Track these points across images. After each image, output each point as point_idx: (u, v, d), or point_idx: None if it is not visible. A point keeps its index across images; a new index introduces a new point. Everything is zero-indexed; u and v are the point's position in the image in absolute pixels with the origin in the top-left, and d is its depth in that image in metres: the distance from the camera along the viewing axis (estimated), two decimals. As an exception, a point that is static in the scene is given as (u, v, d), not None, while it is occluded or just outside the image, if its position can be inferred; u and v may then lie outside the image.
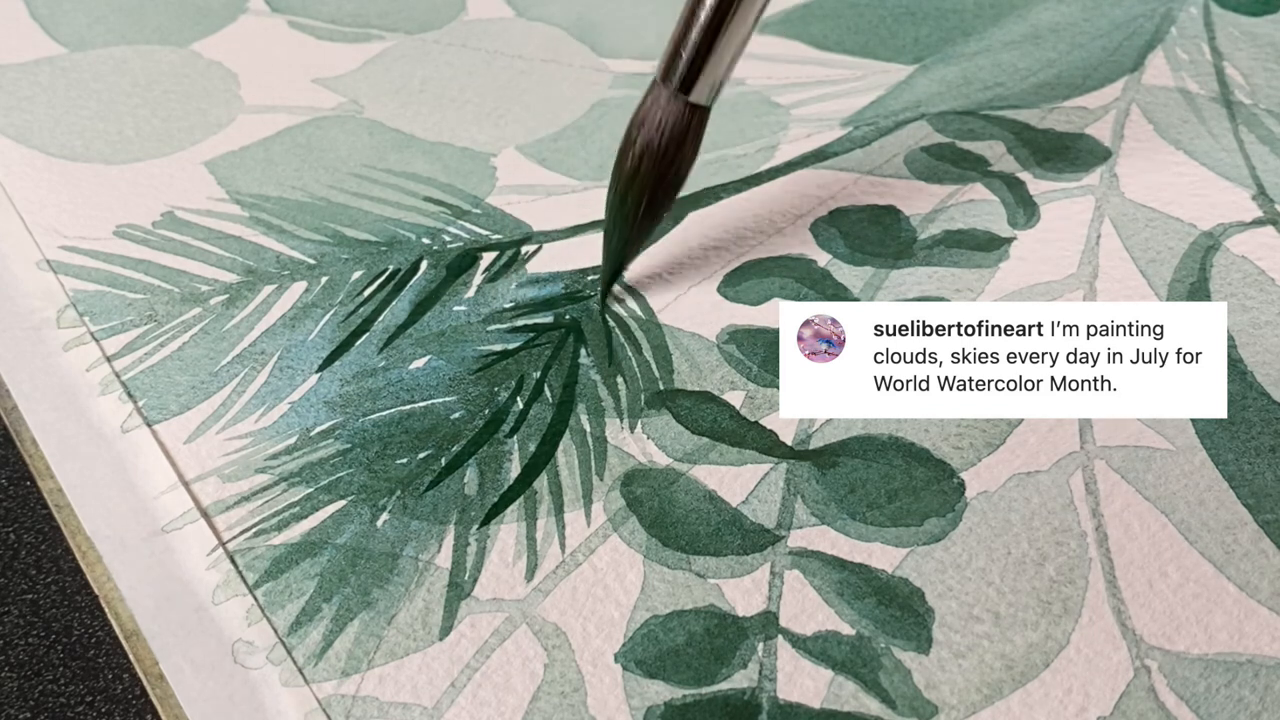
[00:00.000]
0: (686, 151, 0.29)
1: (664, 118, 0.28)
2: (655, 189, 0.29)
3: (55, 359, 0.29)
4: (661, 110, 0.28)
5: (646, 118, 0.28)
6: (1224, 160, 0.34)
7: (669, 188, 0.29)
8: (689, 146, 0.29)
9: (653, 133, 0.28)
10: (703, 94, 0.28)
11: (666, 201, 0.29)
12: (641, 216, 0.29)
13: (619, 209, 0.29)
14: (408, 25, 0.41)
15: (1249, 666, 0.23)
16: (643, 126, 0.28)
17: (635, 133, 0.28)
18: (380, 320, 0.30)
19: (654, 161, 0.28)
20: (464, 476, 0.26)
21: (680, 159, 0.29)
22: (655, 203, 0.29)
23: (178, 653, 0.24)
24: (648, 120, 0.28)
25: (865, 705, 0.23)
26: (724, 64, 0.28)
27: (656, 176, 0.28)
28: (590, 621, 0.24)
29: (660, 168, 0.28)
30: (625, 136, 0.29)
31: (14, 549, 0.26)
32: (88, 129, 0.36)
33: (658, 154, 0.28)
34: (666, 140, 0.28)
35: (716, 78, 0.28)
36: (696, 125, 0.28)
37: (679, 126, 0.28)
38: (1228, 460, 0.26)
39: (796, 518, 0.26)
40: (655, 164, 0.28)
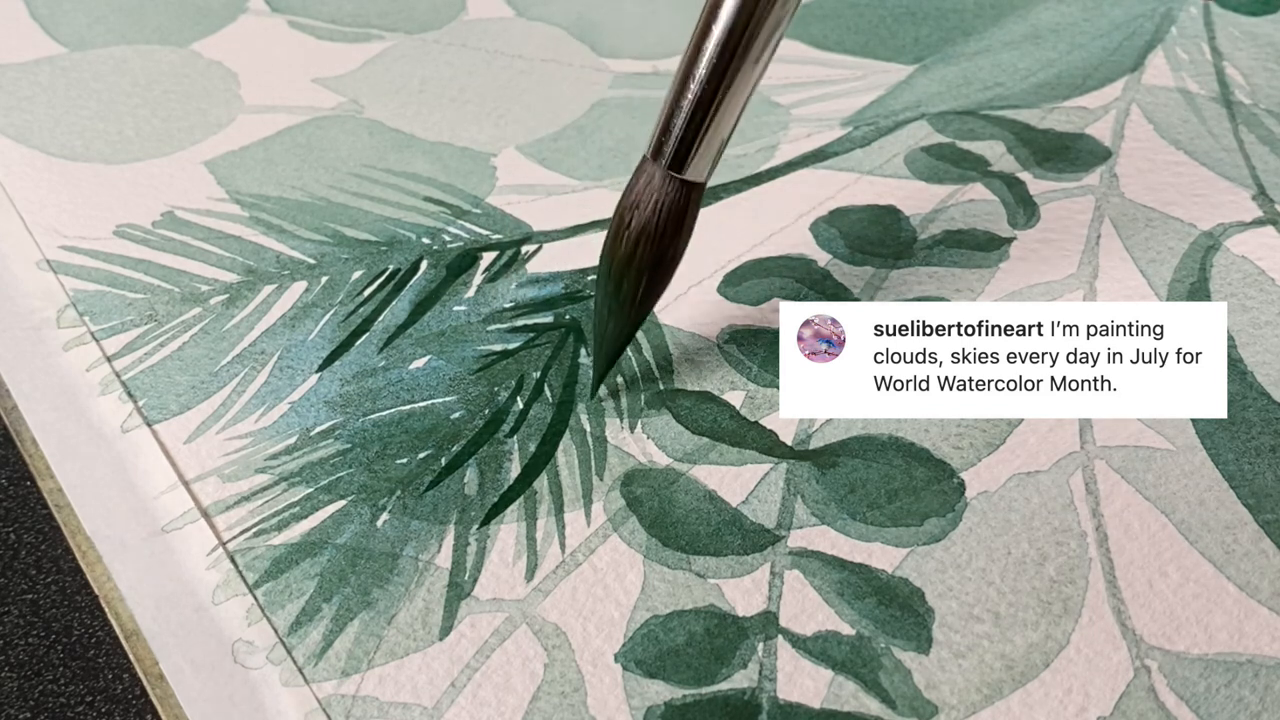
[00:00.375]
0: (684, 231, 0.27)
1: (659, 199, 0.26)
2: (654, 272, 0.27)
3: (55, 359, 0.29)
4: (657, 191, 0.26)
5: (640, 200, 0.26)
6: (1224, 160, 0.34)
7: (667, 269, 0.27)
8: (686, 225, 0.27)
9: (648, 215, 0.26)
10: (700, 171, 0.26)
11: (664, 283, 0.27)
12: (640, 301, 0.27)
13: (614, 296, 0.27)
14: (408, 25, 0.41)
15: (1249, 666, 0.23)
16: (636, 209, 0.26)
17: (629, 216, 0.27)
18: (380, 320, 0.30)
19: (651, 244, 0.26)
20: (464, 476, 0.26)
21: (678, 239, 0.27)
22: (653, 287, 0.27)
23: (178, 653, 0.24)
24: (641, 202, 0.26)
25: (865, 705, 0.23)
26: (720, 138, 0.26)
27: (654, 259, 0.27)
28: (590, 621, 0.24)
29: (658, 250, 0.27)
30: (616, 219, 0.27)
31: (14, 549, 0.26)
32: (88, 129, 0.36)
33: (655, 236, 0.26)
34: (664, 221, 0.26)
35: (711, 154, 0.26)
36: (692, 204, 0.27)
37: (675, 206, 0.26)
38: (1228, 460, 0.26)
39: (796, 518, 0.26)
40: (653, 247, 0.26)
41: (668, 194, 0.26)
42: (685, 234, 0.27)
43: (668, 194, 0.26)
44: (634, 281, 0.27)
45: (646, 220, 0.26)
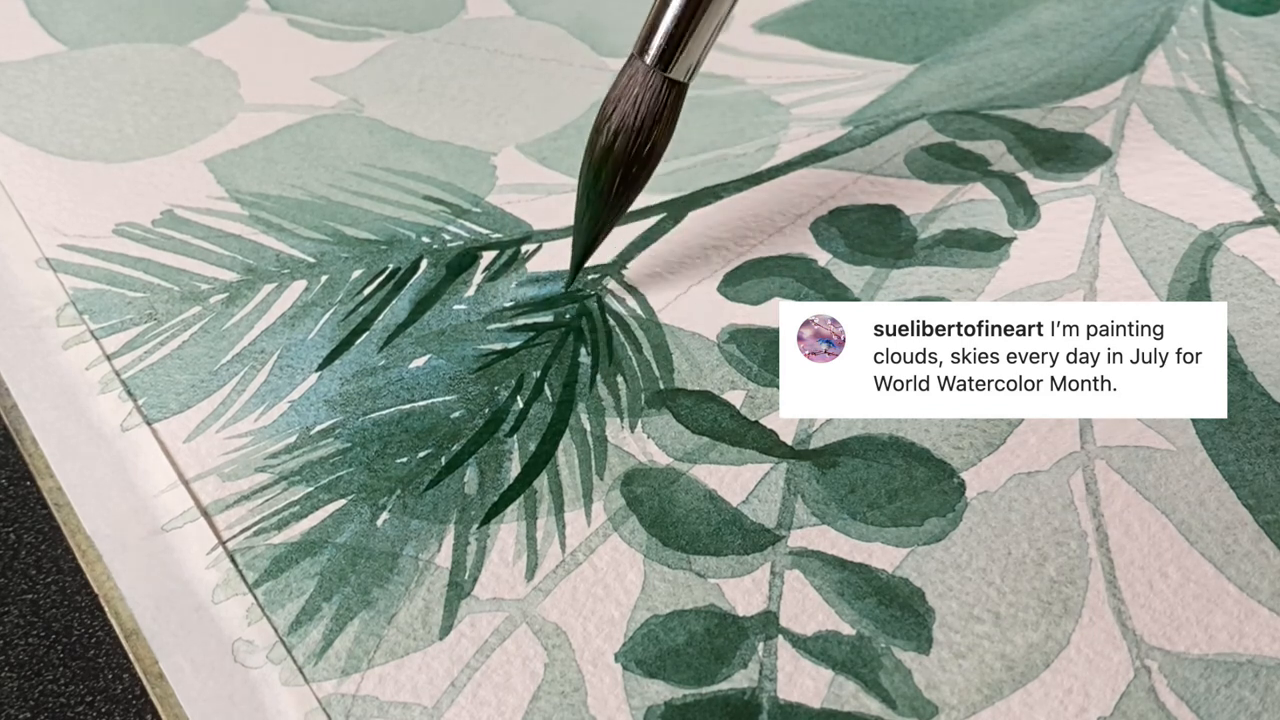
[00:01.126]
0: (663, 128, 0.28)
1: (640, 94, 0.28)
2: (630, 166, 0.28)
3: (55, 357, 0.29)
4: (639, 86, 0.28)
5: (623, 94, 0.28)
6: (1224, 160, 0.34)
7: (644, 165, 0.28)
8: (665, 123, 0.28)
9: (629, 109, 0.28)
10: (681, 70, 0.28)
11: (641, 179, 0.29)
12: (615, 195, 0.28)
13: (592, 186, 0.28)
14: (407, 24, 0.41)
15: (1249, 667, 0.23)
16: (618, 103, 0.28)
17: (610, 109, 0.28)
18: (380, 319, 0.30)
19: (629, 138, 0.28)
20: (464, 476, 0.26)
21: (657, 136, 0.28)
22: (629, 181, 0.28)
23: (178, 652, 0.23)
24: (624, 96, 0.28)
25: (865, 705, 0.23)
26: (704, 40, 0.27)
27: (632, 154, 0.28)
28: (590, 621, 0.24)
29: (636, 145, 0.28)
30: (600, 112, 0.28)
31: (14, 549, 0.26)
32: (87, 127, 0.36)
33: (633, 130, 0.28)
34: (643, 117, 0.28)
35: (695, 54, 0.27)
36: (674, 102, 0.28)
37: (656, 103, 0.28)
38: (1228, 460, 0.26)
39: (797, 517, 0.26)
40: (630, 141, 0.28)
41: (649, 89, 0.27)
42: (664, 132, 0.28)
43: (649, 89, 0.27)
44: (610, 174, 0.28)
45: (626, 114, 0.28)
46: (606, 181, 0.28)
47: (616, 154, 0.28)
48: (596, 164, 0.28)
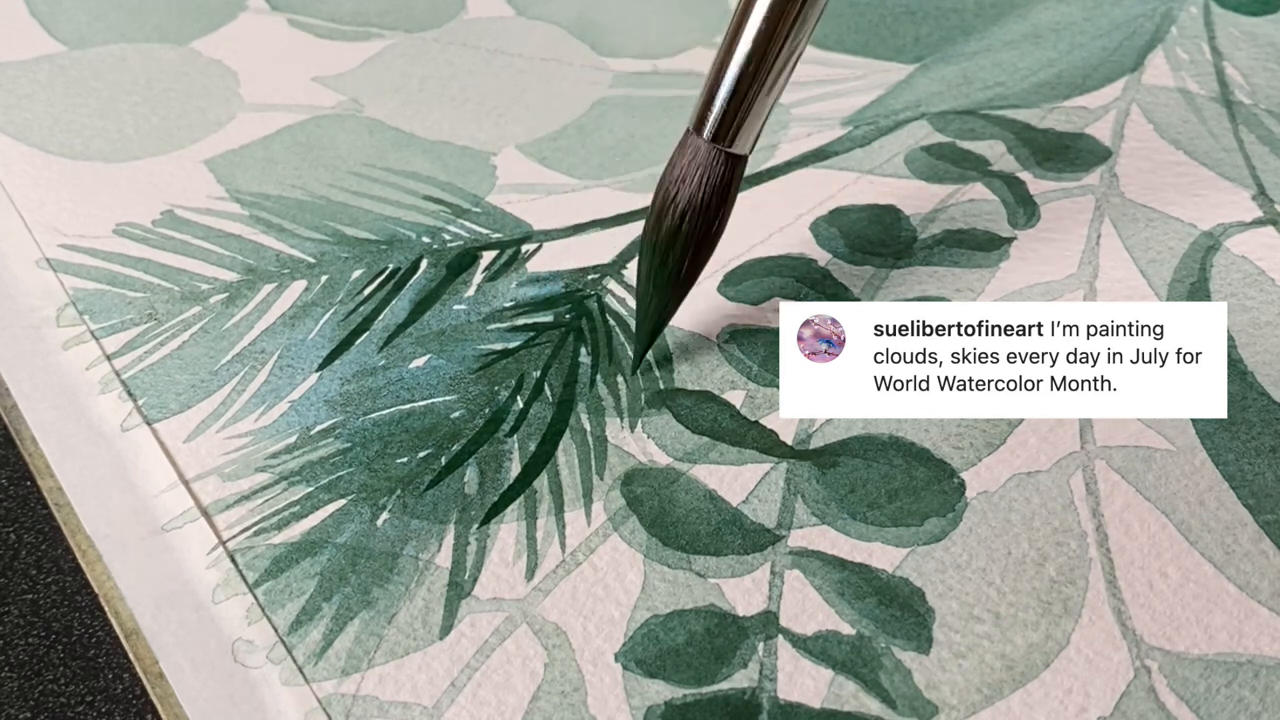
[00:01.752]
0: (729, 204, 0.27)
1: (705, 174, 0.27)
2: (700, 246, 0.27)
3: (55, 357, 0.29)
4: (702, 165, 0.27)
5: (685, 174, 0.27)
6: (1224, 160, 0.34)
7: (712, 242, 0.27)
8: (730, 198, 0.27)
9: (694, 189, 0.27)
10: (744, 144, 0.27)
11: (707, 256, 0.28)
12: (685, 276, 0.27)
13: (659, 271, 0.27)
14: (407, 24, 0.41)
15: (1249, 667, 0.23)
16: (683, 183, 0.27)
17: (675, 190, 0.27)
18: (380, 319, 0.30)
19: (698, 218, 0.27)
20: (464, 475, 0.26)
21: (723, 212, 0.27)
22: (698, 259, 0.27)
23: (178, 652, 0.24)
24: (687, 177, 0.27)
25: (865, 705, 0.23)
26: (764, 110, 0.26)
27: (701, 233, 0.27)
28: (590, 621, 0.24)
29: (704, 223, 0.27)
30: (660, 194, 0.27)
31: (14, 549, 0.26)
32: (87, 127, 0.36)
33: (700, 209, 0.27)
34: (710, 195, 0.27)
35: (757, 124, 0.27)
36: (737, 176, 0.27)
37: (720, 179, 0.27)
38: (1228, 460, 0.26)
39: (797, 517, 0.26)
40: (698, 221, 0.27)
41: (713, 167, 0.27)
42: (729, 207, 0.27)
43: (713, 167, 0.27)
44: (679, 256, 0.27)
45: (693, 194, 0.27)
46: (675, 264, 0.27)
47: (684, 236, 0.27)
48: (663, 248, 0.27)
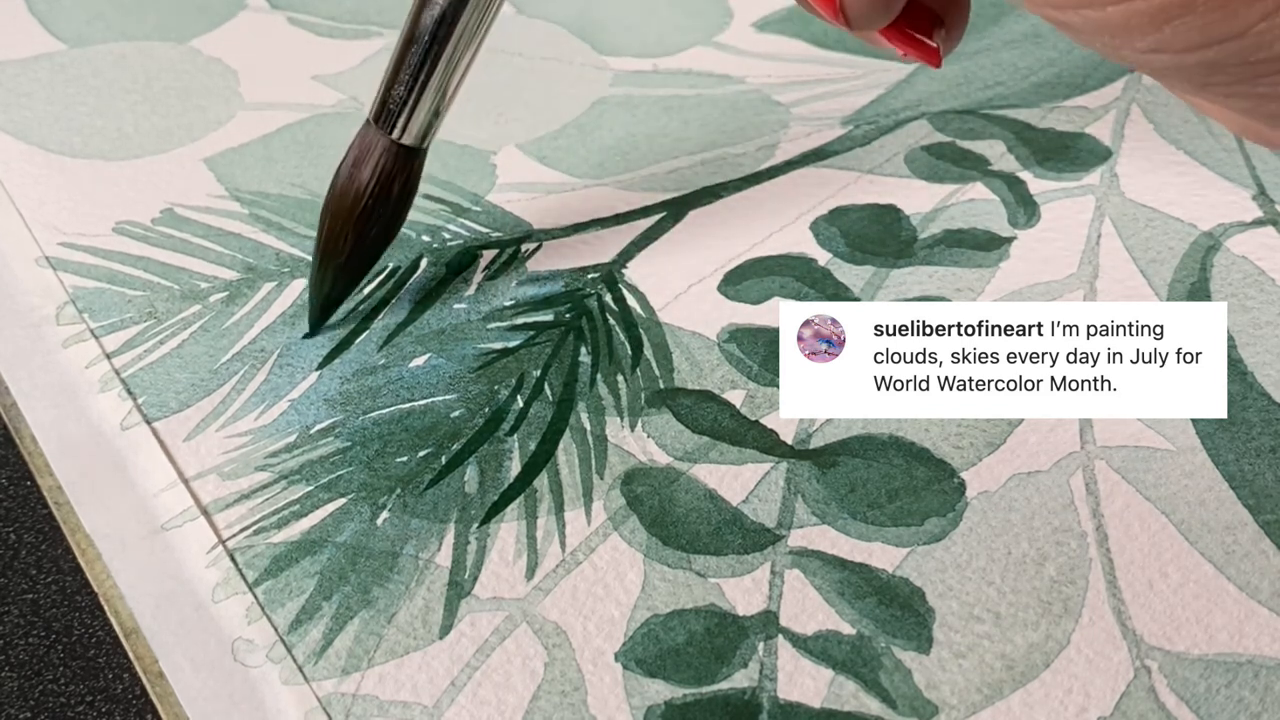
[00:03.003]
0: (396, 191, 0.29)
1: (371, 157, 0.28)
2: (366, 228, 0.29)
3: (54, 356, 0.29)
4: (369, 150, 0.28)
5: (354, 155, 0.28)
6: (1224, 160, 0.34)
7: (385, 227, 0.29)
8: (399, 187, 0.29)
9: (360, 171, 0.28)
10: (409, 137, 0.28)
11: (382, 241, 0.29)
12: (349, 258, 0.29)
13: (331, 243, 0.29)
14: (407, 22, 0.41)
15: (1249, 667, 0.23)
16: (352, 164, 0.28)
17: (343, 168, 0.29)
18: (380, 318, 0.30)
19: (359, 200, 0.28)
20: (464, 475, 0.26)
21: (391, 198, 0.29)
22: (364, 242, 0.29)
23: (178, 651, 0.23)
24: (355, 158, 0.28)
25: (865, 705, 0.23)
26: (426, 108, 0.28)
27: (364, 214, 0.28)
28: (590, 620, 0.24)
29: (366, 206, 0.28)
30: (335, 174, 0.29)
31: (14, 549, 0.26)
32: (87, 125, 0.36)
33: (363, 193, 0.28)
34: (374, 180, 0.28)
35: (419, 122, 0.28)
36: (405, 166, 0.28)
37: (387, 167, 0.28)
38: (1228, 460, 0.26)
39: (797, 517, 0.26)
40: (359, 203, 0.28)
41: (379, 154, 0.28)
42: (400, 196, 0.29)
43: (379, 154, 0.28)
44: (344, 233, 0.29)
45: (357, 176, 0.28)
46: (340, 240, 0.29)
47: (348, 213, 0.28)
48: (329, 221, 0.29)
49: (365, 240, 0.29)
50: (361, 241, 0.29)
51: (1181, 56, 0.19)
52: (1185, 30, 0.18)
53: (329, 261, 0.29)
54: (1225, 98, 0.20)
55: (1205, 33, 0.18)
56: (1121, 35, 0.19)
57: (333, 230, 0.29)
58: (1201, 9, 0.17)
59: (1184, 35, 0.18)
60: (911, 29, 0.25)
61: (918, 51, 0.25)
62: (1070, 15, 0.19)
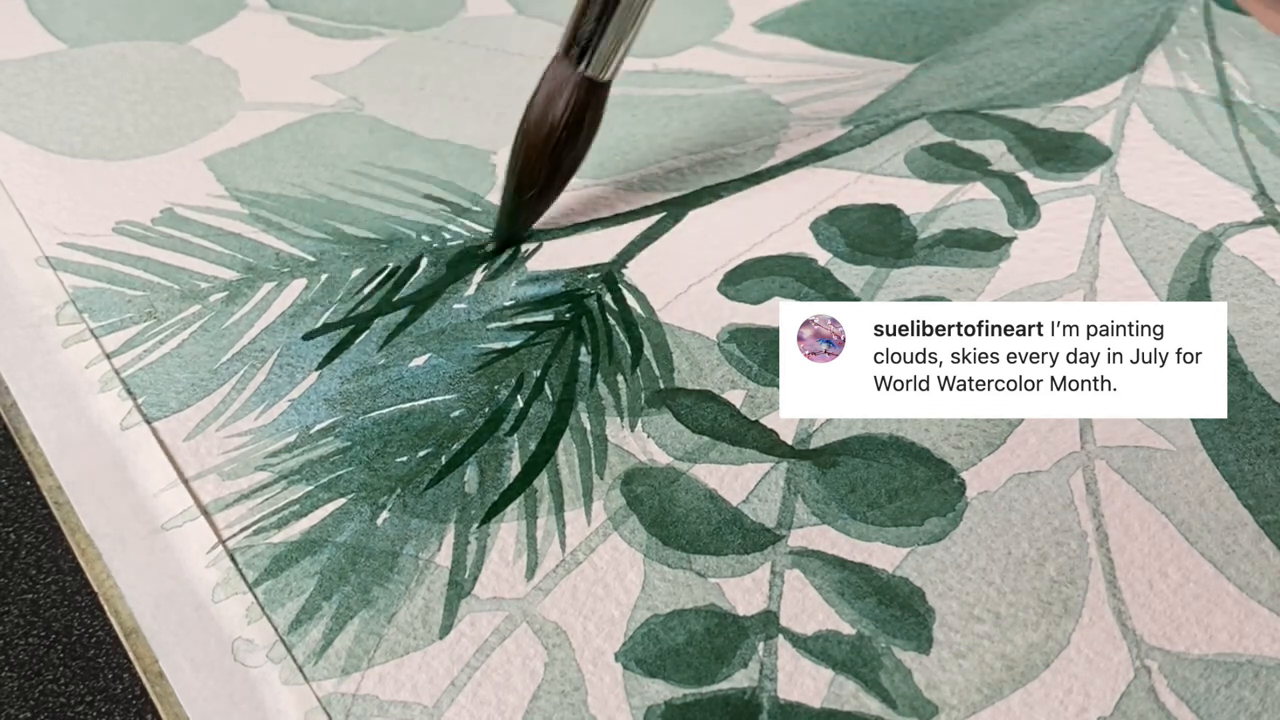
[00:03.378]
0: (587, 123, 0.30)
1: (559, 89, 0.30)
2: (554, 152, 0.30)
3: (54, 356, 0.29)
4: (557, 82, 0.30)
5: (543, 87, 0.30)
6: (1224, 160, 0.34)
7: (574, 157, 0.31)
8: (589, 119, 0.30)
9: (550, 103, 0.30)
10: (597, 69, 0.30)
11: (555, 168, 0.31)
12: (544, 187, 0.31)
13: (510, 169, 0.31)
14: (407, 22, 0.41)
15: (1249, 667, 0.23)
16: (541, 95, 0.30)
17: (534, 100, 0.30)
18: (380, 318, 0.30)
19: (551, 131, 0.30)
20: (464, 475, 0.26)
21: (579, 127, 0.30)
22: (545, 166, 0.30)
23: (177, 651, 0.23)
24: (544, 90, 0.30)
25: (865, 705, 0.23)
26: (616, 40, 0.29)
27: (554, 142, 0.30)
28: (590, 620, 0.24)
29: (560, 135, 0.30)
30: (528, 109, 0.30)
31: (14, 549, 0.26)
32: (87, 125, 0.36)
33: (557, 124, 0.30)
34: (564, 111, 0.30)
35: (609, 53, 0.30)
36: (592, 98, 0.30)
37: (575, 98, 0.30)
38: (1228, 461, 0.26)
39: (797, 517, 0.26)
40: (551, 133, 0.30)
41: (568, 86, 0.30)
42: (589, 127, 0.31)
43: (568, 86, 0.30)
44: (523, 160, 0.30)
45: (548, 108, 0.30)
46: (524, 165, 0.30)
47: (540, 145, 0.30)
48: (515, 149, 0.31)
49: (559, 169, 0.31)
50: (556, 171, 0.31)
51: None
52: None
53: (525, 191, 0.31)
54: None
55: None
56: None
57: (529, 161, 0.30)
58: None
59: None
60: None
61: None
62: None
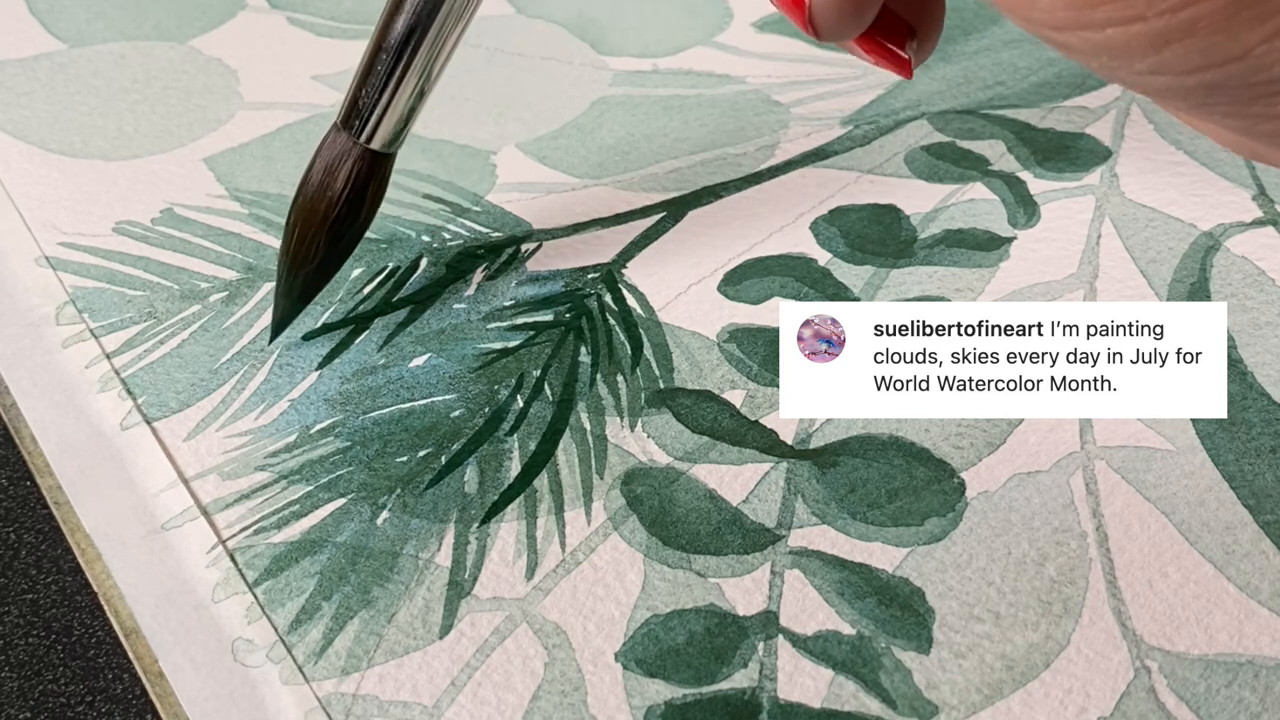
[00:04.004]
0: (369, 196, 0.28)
1: (339, 162, 0.28)
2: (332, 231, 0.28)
3: (54, 356, 0.29)
4: (336, 155, 0.28)
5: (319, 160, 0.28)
6: (1224, 160, 0.34)
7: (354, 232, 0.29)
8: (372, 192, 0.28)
9: (329, 176, 0.28)
10: (379, 141, 0.28)
11: (348, 248, 0.29)
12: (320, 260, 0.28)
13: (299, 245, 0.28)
14: (407, 22, 0.41)
15: (1249, 667, 0.23)
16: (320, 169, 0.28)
17: (310, 173, 0.28)
18: (380, 318, 0.30)
19: (331, 206, 0.28)
20: (464, 475, 0.26)
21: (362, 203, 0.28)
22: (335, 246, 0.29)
23: (177, 651, 0.23)
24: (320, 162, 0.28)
25: (865, 705, 0.23)
26: (396, 115, 0.27)
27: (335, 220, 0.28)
28: (590, 620, 0.24)
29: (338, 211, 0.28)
30: (304, 181, 0.28)
31: (14, 549, 0.26)
32: (87, 125, 0.36)
33: (335, 199, 0.28)
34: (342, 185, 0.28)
35: (390, 127, 0.28)
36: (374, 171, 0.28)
37: (355, 171, 0.28)
38: (1228, 461, 0.26)
39: (797, 517, 0.26)
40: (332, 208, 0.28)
41: (348, 159, 0.28)
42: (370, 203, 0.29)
43: (348, 159, 0.28)
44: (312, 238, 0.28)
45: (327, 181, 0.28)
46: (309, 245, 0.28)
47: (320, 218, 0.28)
48: (297, 226, 0.28)
49: (337, 247, 0.29)
50: (334, 248, 0.29)
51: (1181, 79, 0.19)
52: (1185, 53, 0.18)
53: (300, 269, 0.28)
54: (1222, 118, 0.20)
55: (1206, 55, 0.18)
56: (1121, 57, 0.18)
57: (303, 237, 0.28)
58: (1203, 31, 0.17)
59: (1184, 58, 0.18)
60: (884, 39, 0.25)
61: (890, 61, 0.25)
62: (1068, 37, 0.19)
